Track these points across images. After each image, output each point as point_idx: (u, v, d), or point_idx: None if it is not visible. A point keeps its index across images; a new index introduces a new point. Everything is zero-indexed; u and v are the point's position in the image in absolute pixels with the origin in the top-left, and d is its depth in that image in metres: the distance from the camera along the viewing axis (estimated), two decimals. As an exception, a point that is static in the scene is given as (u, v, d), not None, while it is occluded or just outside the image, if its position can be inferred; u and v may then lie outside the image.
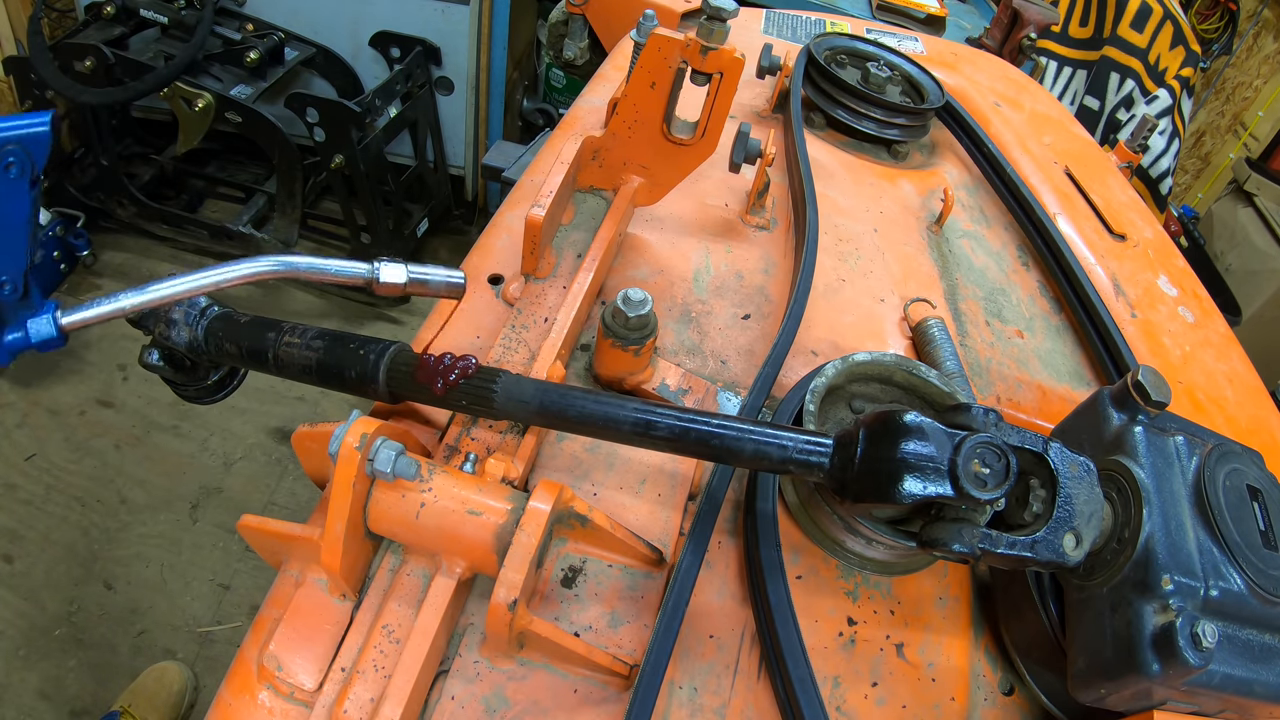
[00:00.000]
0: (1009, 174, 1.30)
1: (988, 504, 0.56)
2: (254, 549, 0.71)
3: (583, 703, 0.64)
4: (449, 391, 0.68)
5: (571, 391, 0.67)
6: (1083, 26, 2.95)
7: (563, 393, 0.67)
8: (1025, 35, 2.34)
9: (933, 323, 0.98)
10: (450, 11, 2.82)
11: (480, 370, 0.69)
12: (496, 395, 0.67)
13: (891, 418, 0.59)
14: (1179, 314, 1.20)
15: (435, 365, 0.69)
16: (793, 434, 0.62)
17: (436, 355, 0.69)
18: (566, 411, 0.66)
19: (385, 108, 2.77)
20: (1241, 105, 4.14)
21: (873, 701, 0.69)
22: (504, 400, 0.67)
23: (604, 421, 0.65)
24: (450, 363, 0.69)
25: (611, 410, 0.65)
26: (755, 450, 0.62)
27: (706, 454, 0.63)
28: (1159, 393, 0.64)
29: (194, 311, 0.83)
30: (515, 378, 0.68)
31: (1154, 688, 0.56)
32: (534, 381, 0.69)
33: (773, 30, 1.78)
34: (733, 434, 0.62)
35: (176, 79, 2.45)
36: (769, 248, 1.11)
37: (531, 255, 0.91)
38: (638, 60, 0.90)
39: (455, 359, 0.69)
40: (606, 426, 0.65)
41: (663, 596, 0.69)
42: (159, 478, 2.43)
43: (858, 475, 0.59)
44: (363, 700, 0.59)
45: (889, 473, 0.57)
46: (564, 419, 0.67)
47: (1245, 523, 0.62)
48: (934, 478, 0.56)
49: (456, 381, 0.68)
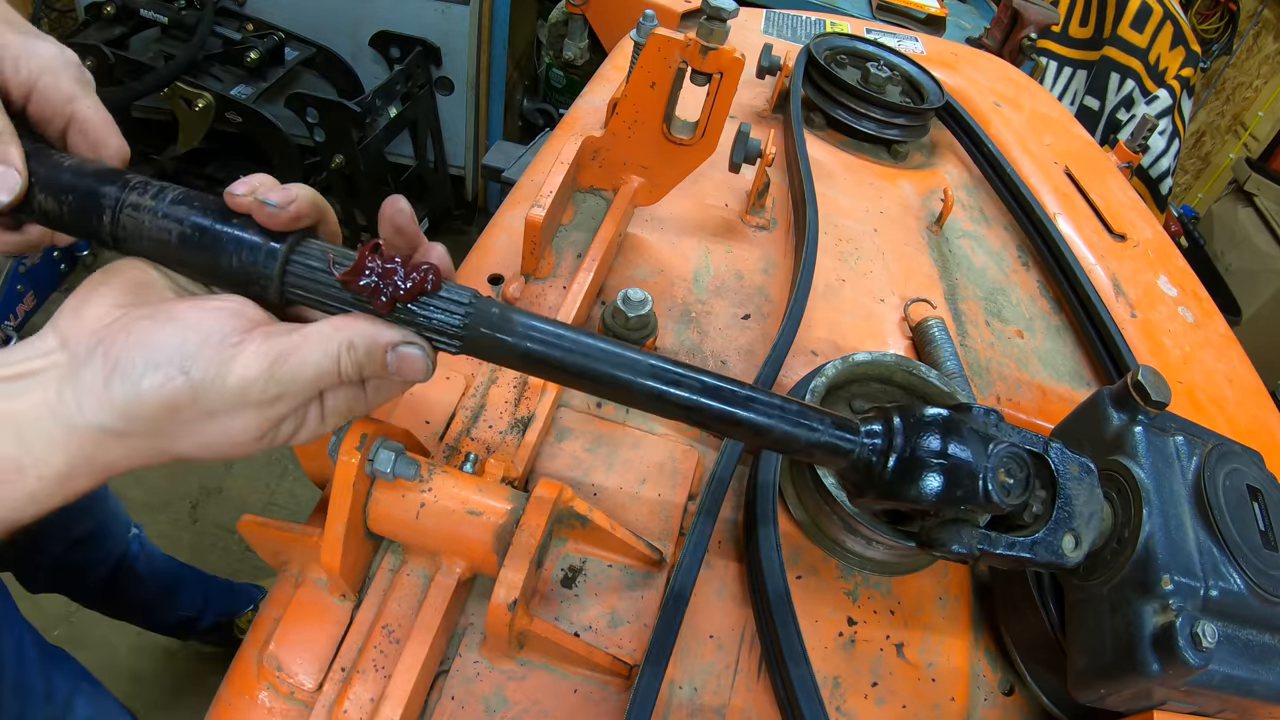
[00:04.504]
0: (1009, 174, 1.30)
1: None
2: (254, 549, 0.70)
3: (583, 703, 0.64)
4: (396, 309, 0.49)
5: (572, 332, 0.52)
6: (1083, 26, 2.95)
7: (560, 333, 0.52)
8: (1025, 35, 2.34)
9: (933, 323, 0.98)
10: (450, 11, 2.82)
11: (447, 286, 0.50)
12: (465, 325, 0.50)
13: (937, 414, 0.56)
14: (1179, 314, 1.20)
15: (377, 267, 0.49)
16: (822, 416, 0.56)
17: (381, 253, 0.50)
18: (565, 359, 0.51)
19: (385, 108, 2.76)
20: (1241, 105, 4.14)
21: (873, 701, 0.69)
22: (474, 332, 0.50)
23: (614, 367, 0.52)
24: (398, 266, 0.49)
25: (625, 358, 0.52)
26: (782, 430, 0.55)
27: (728, 422, 0.54)
28: (1159, 393, 0.64)
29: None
30: (495, 304, 0.52)
31: (1154, 688, 0.56)
32: (522, 313, 0.52)
33: (773, 30, 1.78)
34: (762, 404, 0.54)
35: (176, 79, 2.45)
36: (769, 248, 1.11)
37: (531, 255, 0.91)
38: (638, 60, 0.90)
39: (409, 261, 0.50)
40: (615, 377, 0.52)
41: (663, 596, 0.69)
42: (159, 477, 2.42)
43: (892, 471, 0.55)
44: (363, 700, 0.59)
45: (923, 471, 0.54)
46: (558, 367, 0.52)
47: (1245, 523, 0.62)
48: (967, 483, 0.54)
49: (410, 295, 0.49)
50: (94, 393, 0.45)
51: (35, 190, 0.52)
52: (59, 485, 0.46)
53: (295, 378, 0.47)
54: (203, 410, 0.46)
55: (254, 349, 0.46)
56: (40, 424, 0.45)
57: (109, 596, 1.70)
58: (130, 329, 0.45)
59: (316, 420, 0.52)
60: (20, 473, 0.44)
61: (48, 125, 0.55)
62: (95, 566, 1.59)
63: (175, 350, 0.45)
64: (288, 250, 0.50)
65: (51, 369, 0.46)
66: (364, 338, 0.48)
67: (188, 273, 0.53)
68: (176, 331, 0.45)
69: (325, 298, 0.50)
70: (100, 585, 1.63)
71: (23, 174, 0.50)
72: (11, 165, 0.50)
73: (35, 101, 0.54)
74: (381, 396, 0.54)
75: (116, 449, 0.46)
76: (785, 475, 0.80)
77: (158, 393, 0.44)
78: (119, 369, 0.44)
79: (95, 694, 1.22)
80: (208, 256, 0.50)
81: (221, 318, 0.47)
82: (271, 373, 0.46)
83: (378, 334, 0.49)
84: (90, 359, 0.45)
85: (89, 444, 0.45)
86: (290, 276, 0.50)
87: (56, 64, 0.54)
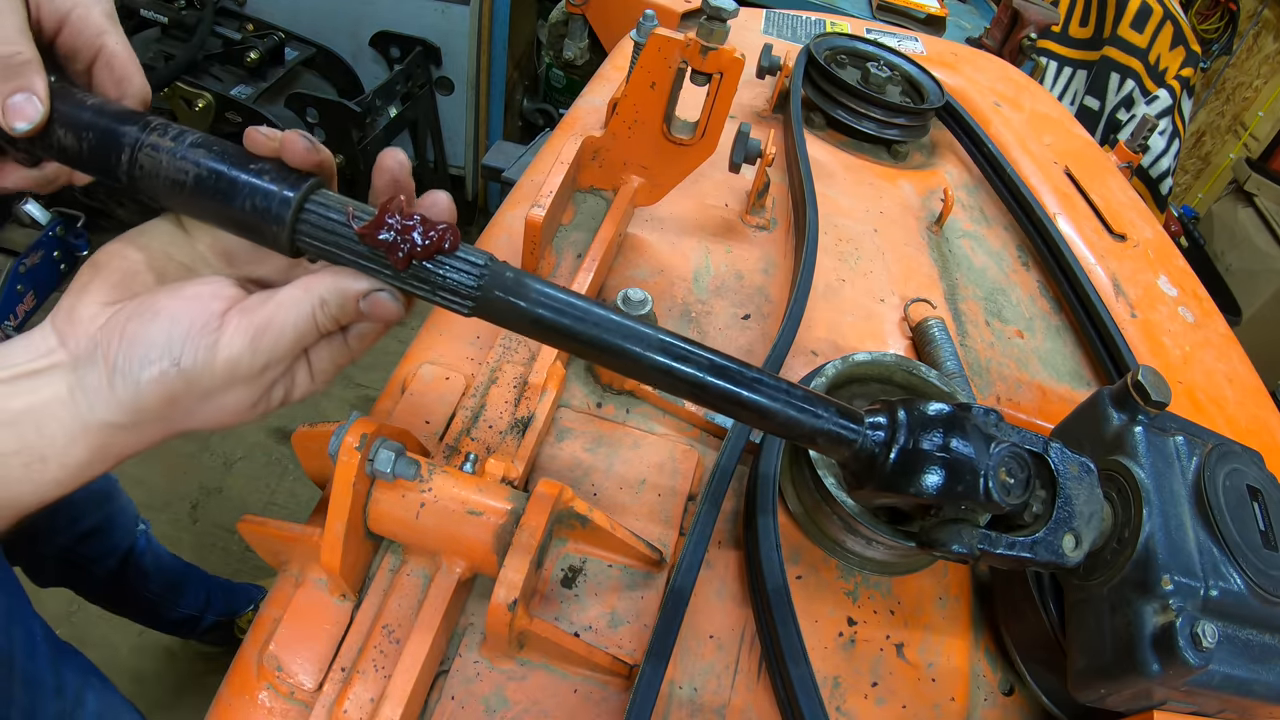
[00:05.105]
0: (1009, 174, 1.30)
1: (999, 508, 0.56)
2: (254, 549, 0.70)
3: (583, 703, 0.64)
4: (411, 266, 0.49)
5: (585, 302, 0.52)
6: (1083, 26, 2.95)
7: (573, 302, 0.52)
8: (1025, 35, 2.34)
9: (933, 323, 0.98)
10: (450, 11, 2.82)
11: (464, 247, 0.50)
12: (479, 286, 0.50)
13: (941, 409, 0.56)
14: (1179, 314, 1.20)
15: (397, 223, 0.48)
16: (828, 404, 0.56)
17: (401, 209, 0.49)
18: (576, 328, 0.51)
19: (385, 108, 2.76)
20: (1241, 105, 4.14)
21: (872, 701, 0.69)
22: (488, 294, 0.50)
23: (624, 339, 0.52)
24: (417, 224, 0.48)
25: (636, 330, 0.52)
26: (787, 415, 0.55)
27: (734, 402, 0.54)
28: (1159, 393, 0.64)
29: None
30: (510, 268, 0.52)
31: (1154, 688, 0.56)
32: (536, 279, 0.52)
33: (773, 30, 1.78)
34: (769, 387, 0.54)
35: (176, 79, 2.45)
36: (769, 248, 1.11)
37: (531, 255, 0.91)
38: (638, 60, 0.90)
39: (425, 219, 0.49)
40: (625, 349, 0.52)
41: (663, 596, 0.69)
42: (159, 478, 2.42)
43: (894, 463, 0.55)
44: (363, 700, 0.59)
45: (925, 465, 0.54)
46: (569, 335, 0.52)
47: (1245, 523, 0.62)
48: (968, 479, 0.54)
49: (427, 252, 0.49)
50: (101, 394, 0.48)
51: (55, 125, 0.52)
52: (79, 472, 0.50)
53: (277, 345, 0.49)
54: (199, 393, 0.49)
55: (234, 327, 0.49)
56: (58, 419, 0.49)
57: (114, 591, 1.70)
58: (123, 331, 0.48)
59: (306, 379, 0.54)
60: (44, 462, 0.49)
61: (76, 57, 0.56)
62: (102, 560, 1.60)
63: (164, 345, 0.48)
64: (301, 198, 0.50)
65: (57, 368, 0.49)
66: (334, 293, 0.50)
67: (200, 216, 0.53)
68: (161, 326, 0.48)
69: (339, 249, 0.50)
70: (106, 579, 1.63)
71: (45, 104, 0.51)
72: (35, 94, 0.51)
73: (66, 32, 0.55)
74: (363, 344, 0.56)
75: (128, 438, 0.50)
76: (785, 474, 0.80)
77: (155, 386, 0.48)
78: (119, 370, 0.48)
79: (104, 690, 1.22)
80: (222, 200, 0.50)
81: (199, 304, 0.49)
82: (254, 346, 0.49)
83: (346, 286, 0.50)
84: (91, 363, 0.49)
85: (104, 436, 0.49)
86: (304, 225, 0.50)
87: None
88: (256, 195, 0.49)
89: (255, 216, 0.50)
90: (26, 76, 0.50)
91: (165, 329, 0.48)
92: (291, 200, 0.49)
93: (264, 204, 0.49)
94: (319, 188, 0.51)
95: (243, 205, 0.50)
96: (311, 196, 0.50)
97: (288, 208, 0.49)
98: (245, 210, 0.50)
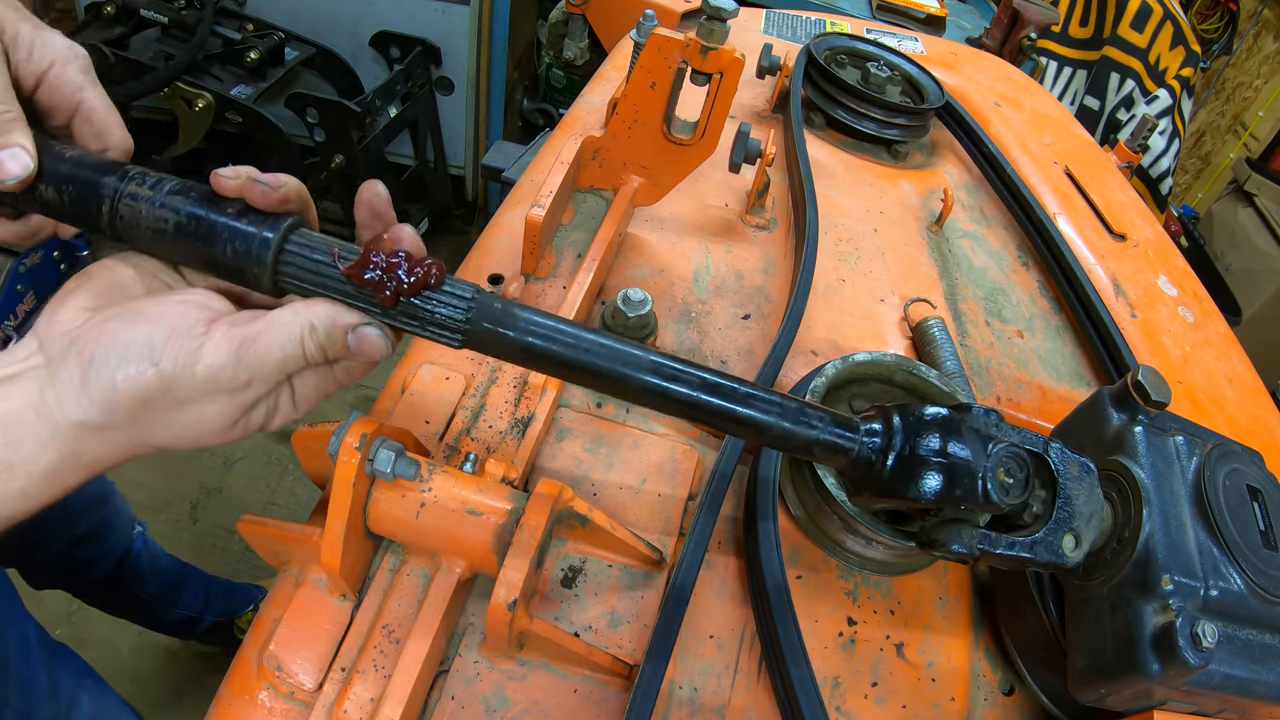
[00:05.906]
0: (1009, 174, 1.30)
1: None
2: (254, 549, 0.70)
3: (583, 703, 0.64)
4: (399, 302, 0.49)
5: (574, 327, 0.53)
6: (1083, 26, 2.95)
7: (562, 328, 0.53)
8: (1025, 35, 2.34)
9: (933, 323, 0.98)
10: (450, 11, 2.82)
11: (450, 281, 0.51)
12: (468, 319, 0.51)
13: (937, 413, 0.56)
14: (1179, 314, 1.20)
15: (382, 261, 0.49)
16: (822, 414, 0.57)
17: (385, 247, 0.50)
18: (566, 354, 0.52)
19: (385, 108, 2.76)
20: (1241, 105, 4.14)
21: (872, 701, 0.69)
22: (477, 326, 0.51)
23: (615, 363, 0.53)
24: (403, 260, 0.49)
25: (626, 353, 0.53)
26: (782, 428, 0.55)
27: (728, 419, 0.55)
28: (1159, 393, 0.64)
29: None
30: (497, 299, 0.52)
31: (1154, 688, 0.56)
32: (524, 308, 0.53)
33: (773, 30, 1.78)
34: (762, 401, 0.55)
35: (176, 79, 2.45)
36: (769, 248, 1.11)
37: (531, 255, 0.91)
38: (638, 60, 0.90)
39: (410, 255, 0.49)
40: (616, 372, 0.53)
41: (663, 596, 0.69)
42: (159, 478, 2.43)
43: (892, 469, 0.56)
44: (363, 700, 0.59)
45: (923, 470, 0.54)
46: (560, 362, 0.53)
47: (1245, 523, 0.62)
48: (966, 482, 0.54)
49: (414, 289, 0.49)
50: (72, 390, 0.47)
51: (37, 180, 0.53)
52: (47, 482, 0.48)
53: (262, 361, 0.48)
54: (175, 400, 0.48)
55: (219, 336, 0.48)
56: (26, 424, 0.47)
57: (111, 594, 1.70)
58: (102, 328, 0.47)
59: (289, 405, 0.53)
60: (10, 471, 0.47)
61: (55, 114, 0.57)
62: (98, 563, 1.60)
63: (144, 344, 0.47)
64: (280, 239, 0.50)
65: (31, 371, 0.48)
66: (324, 319, 0.50)
67: (185, 262, 0.54)
68: (144, 327, 0.47)
69: (324, 289, 0.51)
70: (103, 582, 1.63)
71: (33, 160, 0.51)
72: (21, 150, 0.51)
73: (44, 90, 0.56)
74: (351, 377, 0.56)
75: (98, 444, 0.49)
76: (785, 475, 0.80)
77: (130, 385, 0.46)
78: (93, 364, 0.47)
79: (99, 691, 1.22)
80: (203, 245, 0.51)
81: (186, 310, 0.49)
82: (239, 358, 0.48)
83: (337, 316, 0.50)
84: (65, 359, 0.47)
85: (72, 440, 0.48)
86: (286, 266, 0.50)
87: (66, 55, 0.56)
88: (236, 239, 0.50)
89: (236, 260, 0.50)
90: (12, 134, 0.51)
91: (147, 331, 0.47)
92: (271, 241, 0.50)
93: (243, 246, 0.50)
94: (298, 226, 0.52)
95: (224, 249, 0.50)
96: (291, 236, 0.51)
97: (267, 249, 0.50)
98: (226, 254, 0.50)
